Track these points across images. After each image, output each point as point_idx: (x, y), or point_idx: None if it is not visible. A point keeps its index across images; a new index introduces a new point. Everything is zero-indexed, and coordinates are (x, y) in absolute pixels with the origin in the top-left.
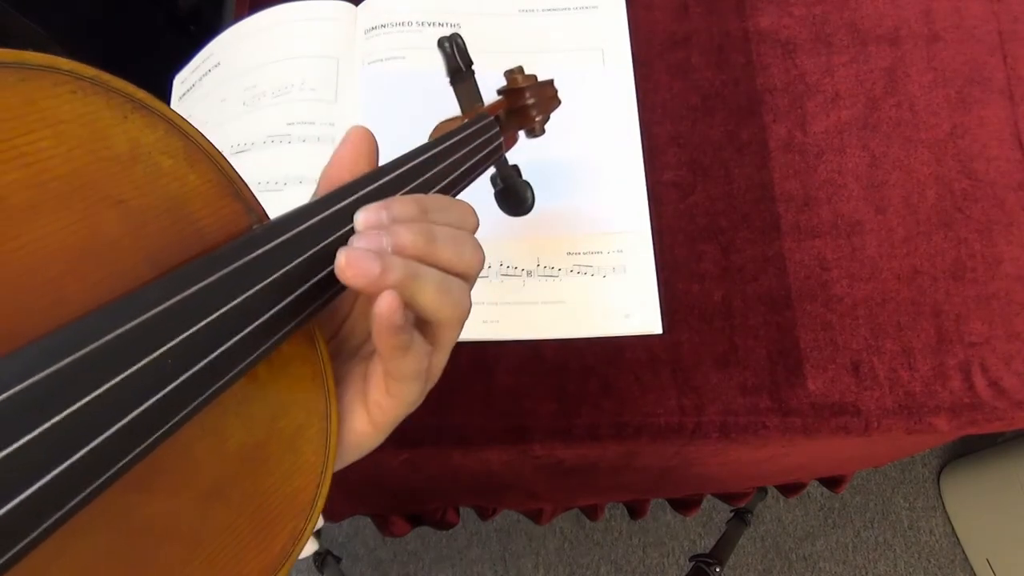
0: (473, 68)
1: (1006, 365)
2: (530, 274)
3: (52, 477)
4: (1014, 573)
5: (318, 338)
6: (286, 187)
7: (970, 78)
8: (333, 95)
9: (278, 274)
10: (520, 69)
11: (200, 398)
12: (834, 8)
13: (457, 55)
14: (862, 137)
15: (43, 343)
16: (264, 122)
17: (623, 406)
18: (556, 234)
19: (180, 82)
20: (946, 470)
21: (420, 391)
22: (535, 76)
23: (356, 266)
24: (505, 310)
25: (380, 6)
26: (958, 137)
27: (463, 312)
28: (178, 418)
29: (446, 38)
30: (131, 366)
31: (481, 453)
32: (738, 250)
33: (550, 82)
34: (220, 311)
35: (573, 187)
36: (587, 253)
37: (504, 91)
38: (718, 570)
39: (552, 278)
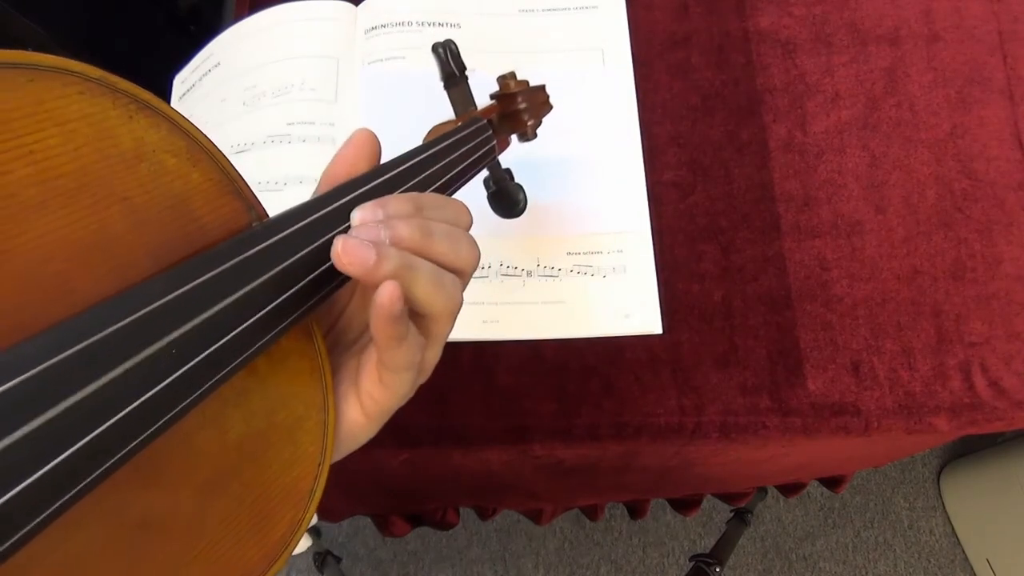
0: (467, 73)
1: (1006, 365)
2: (530, 274)
3: (59, 462)
4: (1014, 573)
5: (316, 333)
6: (286, 187)
7: (970, 78)
8: (333, 95)
9: (277, 270)
10: (512, 75)
11: (202, 388)
12: (834, 8)
13: (451, 60)
14: (862, 137)
15: (52, 332)
16: (264, 122)
17: (623, 406)
18: (556, 234)
19: (180, 82)
20: (946, 470)
21: (412, 383)
22: (527, 81)
23: (352, 253)
24: (505, 310)
25: (380, 6)
26: (958, 137)
27: (455, 306)
28: (180, 407)
29: (440, 44)
30: (136, 355)
31: (481, 453)
32: (738, 250)
33: (542, 87)
34: (221, 304)
35: (573, 187)
36: (587, 253)
37: (497, 96)
38: (718, 570)
39: (552, 278)
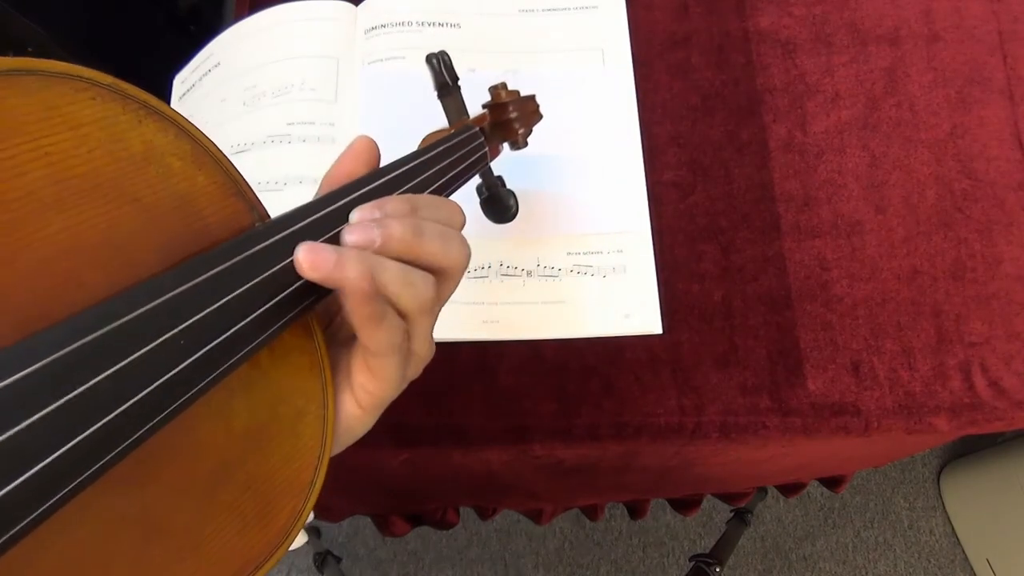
0: (459, 84)
1: (1006, 365)
2: (530, 274)
3: (70, 447)
4: (1014, 573)
5: (316, 330)
6: (286, 187)
7: (970, 78)
8: (333, 95)
9: (278, 267)
10: (503, 85)
11: (209, 377)
12: (834, 8)
13: (444, 71)
14: (862, 137)
15: (66, 324)
16: (264, 122)
17: (623, 406)
18: (556, 234)
19: (180, 82)
20: (946, 470)
21: (399, 371)
22: (518, 92)
23: (312, 258)
24: (505, 310)
25: (380, 6)
26: (958, 137)
27: (424, 303)
28: (188, 395)
29: (434, 55)
30: (146, 345)
31: (481, 453)
32: (738, 250)
33: (532, 97)
34: (226, 298)
35: (573, 187)
36: (587, 253)
37: (488, 105)
38: (718, 570)
39: (552, 278)
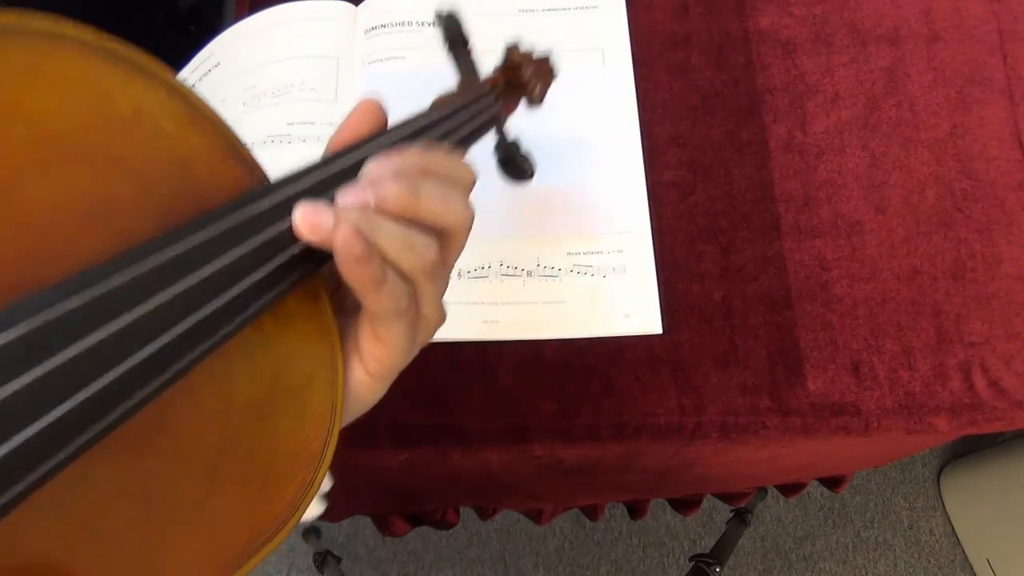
0: (470, 45)
1: (1006, 365)
2: (530, 274)
3: (61, 414)
4: (1014, 573)
5: (323, 296)
6: None
7: (970, 78)
8: (333, 95)
9: (277, 230)
10: (516, 45)
11: (205, 344)
12: (834, 8)
13: (455, 27)
14: (862, 137)
15: (54, 288)
16: (264, 122)
17: (623, 406)
18: (556, 234)
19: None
20: (946, 470)
21: (408, 338)
22: (531, 53)
23: (311, 219)
24: (505, 310)
25: (380, 6)
26: (958, 137)
27: (426, 266)
28: (183, 362)
29: (444, 12)
30: (138, 309)
31: (481, 453)
32: (738, 250)
33: (546, 57)
34: (221, 263)
35: (573, 187)
36: (587, 253)
37: (502, 66)
38: (718, 570)
39: (552, 278)
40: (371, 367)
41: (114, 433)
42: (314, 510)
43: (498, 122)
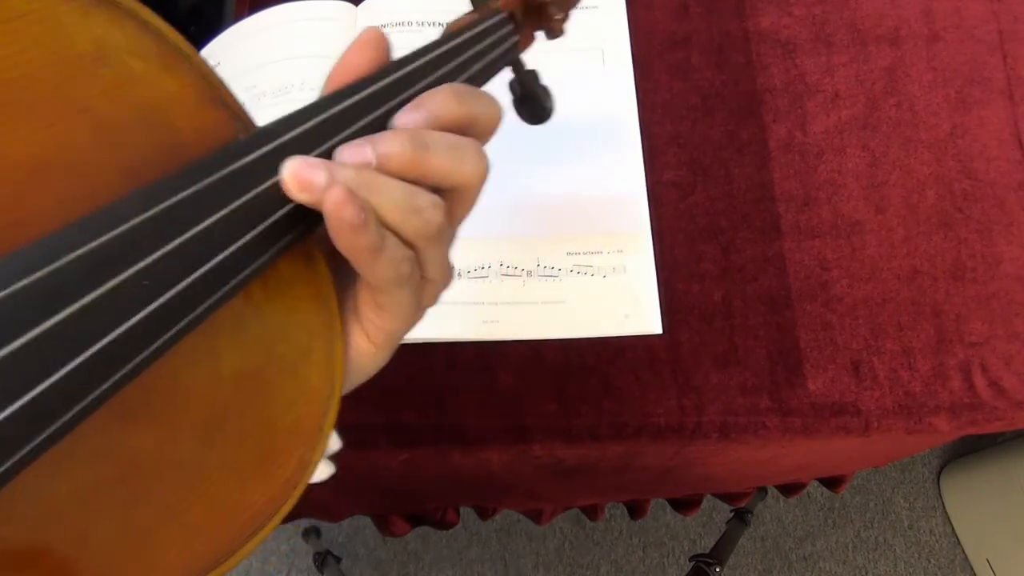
0: None
1: (1006, 365)
2: (530, 274)
3: (26, 401)
4: (1014, 573)
5: (319, 259)
6: None
7: (970, 78)
8: None
9: (264, 186)
10: None
11: (186, 319)
12: (834, 8)
13: None
14: (862, 137)
15: (9, 258)
16: (264, 122)
17: (623, 406)
18: (556, 234)
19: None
20: (946, 470)
21: (411, 304)
22: None
23: (299, 177)
24: (505, 310)
25: (380, 6)
26: (958, 137)
27: (432, 230)
28: (162, 340)
29: None
30: (104, 284)
31: (481, 453)
32: (738, 250)
33: None
34: (204, 224)
35: (573, 187)
36: (587, 253)
37: None
38: (718, 570)
39: (552, 278)
40: (373, 335)
41: (96, 414)
42: (323, 472)
43: (515, 54)
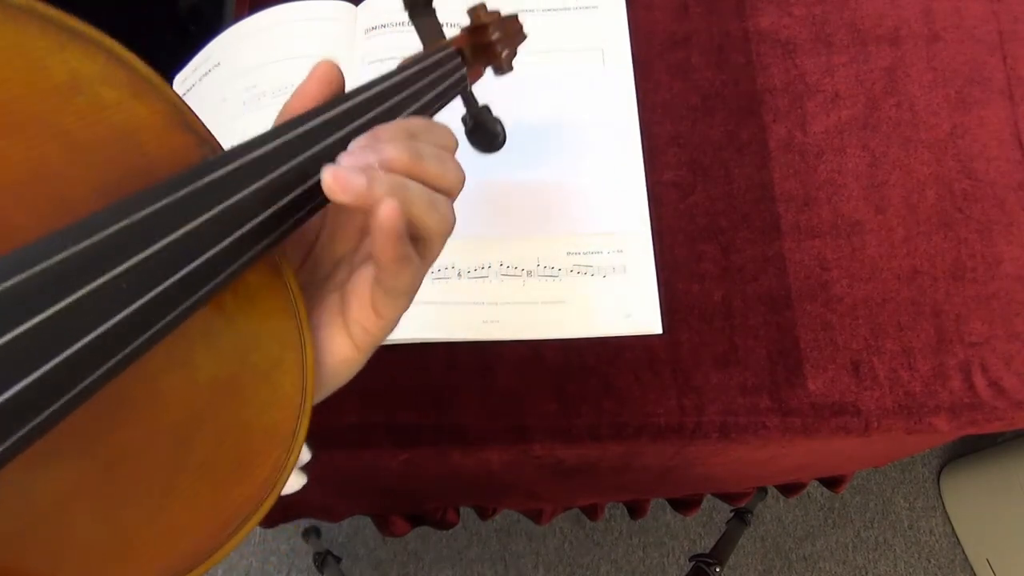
0: (434, 6)
1: (1006, 365)
2: (530, 274)
3: (5, 398)
4: (1014, 573)
5: (285, 270)
6: None
7: (970, 78)
8: None
9: (230, 202)
10: (482, 6)
11: (157, 326)
12: (834, 8)
13: None
14: (862, 137)
15: None
16: (264, 122)
17: (623, 406)
18: (556, 234)
19: (180, 82)
20: (946, 470)
21: (406, 308)
22: (499, 12)
23: (342, 180)
24: (505, 310)
25: (380, 6)
26: (958, 137)
27: (448, 226)
28: (134, 346)
29: None
30: (77, 290)
31: (481, 453)
32: (738, 250)
33: (514, 17)
34: (172, 236)
35: (573, 187)
36: (587, 253)
37: (468, 28)
38: (718, 570)
39: (552, 278)
40: (360, 340)
41: (76, 414)
42: (295, 483)
43: (464, 88)
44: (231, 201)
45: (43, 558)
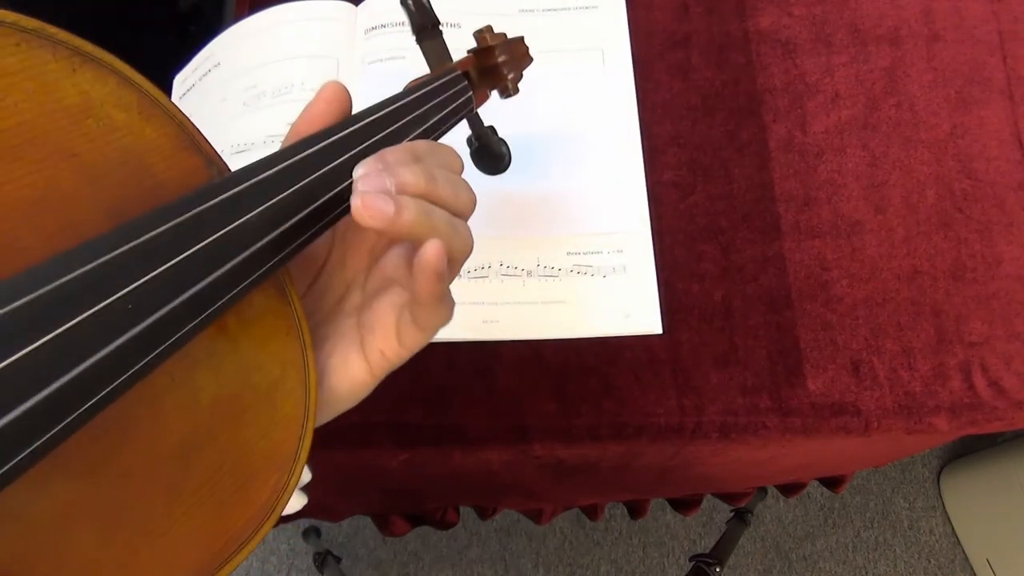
0: (440, 27)
1: (1006, 365)
2: (530, 274)
3: (10, 419)
4: (1014, 573)
5: (291, 292)
6: None
7: (970, 78)
8: None
9: (237, 223)
10: (489, 28)
11: (163, 346)
12: (834, 8)
13: (422, 11)
14: (862, 137)
15: None
16: (264, 122)
17: (623, 406)
18: (556, 234)
19: (180, 82)
20: (946, 470)
21: (431, 339)
22: (504, 34)
23: (372, 207)
24: (505, 310)
25: (380, 6)
26: (958, 137)
27: (469, 249)
28: (140, 366)
29: None
30: (85, 311)
31: (481, 453)
32: (738, 250)
33: (520, 39)
34: (177, 259)
35: (573, 187)
36: (587, 253)
37: (474, 50)
38: (718, 570)
39: (552, 278)
40: (377, 366)
41: (72, 439)
42: (294, 504)
43: (470, 110)
44: (237, 223)
45: (45, 570)
